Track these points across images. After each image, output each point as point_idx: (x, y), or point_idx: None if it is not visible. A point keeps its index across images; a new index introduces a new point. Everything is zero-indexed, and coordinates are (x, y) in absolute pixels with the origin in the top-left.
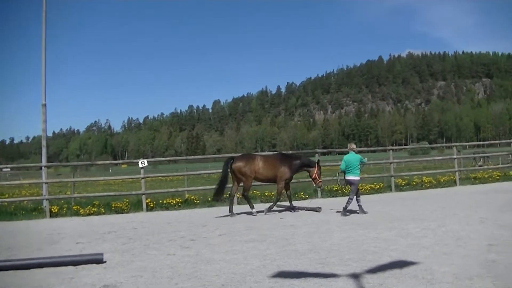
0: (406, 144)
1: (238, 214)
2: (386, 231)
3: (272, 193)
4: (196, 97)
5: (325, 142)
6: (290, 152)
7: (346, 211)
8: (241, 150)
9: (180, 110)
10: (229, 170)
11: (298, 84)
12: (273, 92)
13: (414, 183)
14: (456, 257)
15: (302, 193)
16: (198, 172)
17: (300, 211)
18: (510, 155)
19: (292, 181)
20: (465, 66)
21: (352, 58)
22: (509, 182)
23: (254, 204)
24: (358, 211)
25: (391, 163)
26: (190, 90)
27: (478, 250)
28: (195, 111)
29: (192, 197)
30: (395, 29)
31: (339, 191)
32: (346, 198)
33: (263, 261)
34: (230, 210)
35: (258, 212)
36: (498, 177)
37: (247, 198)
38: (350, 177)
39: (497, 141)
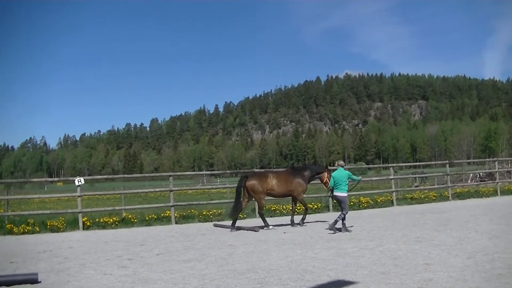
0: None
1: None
2: (324, 250)
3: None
4: (133, 115)
5: (263, 162)
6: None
7: (339, 227)
8: (179, 169)
9: (118, 127)
10: (242, 187)
11: (236, 104)
12: (211, 111)
13: (352, 203)
14: (393, 276)
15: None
16: (135, 191)
17: (298, 226)
18: (446, 176)
19: (231, 201)
20: (401, 88)
21: (290, 79)
22: (444, 202)
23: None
24: (341, 229)
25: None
26: (127, 108)
27: (415, 269)
28: (132, 129)
29: (130, 216)
30: (333, 50)
31: (277, 211)
32: (284, 217)
33: (201, 281)
34: (267, 226)
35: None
36: (434, 198)
37: (262, 216)
38: (337, 193)
39: (433, 162)
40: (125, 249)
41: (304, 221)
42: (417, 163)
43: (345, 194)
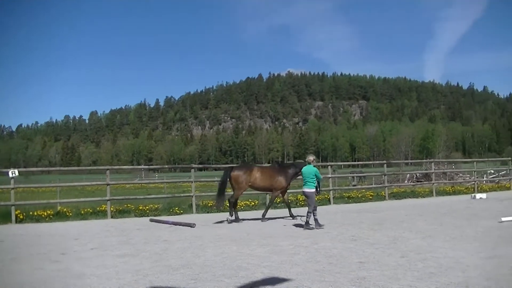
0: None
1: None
2: (260, 247)
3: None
4: (72, 107)
5: (202, 157)
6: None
7: (308, 224)
8: (117, 163)
9: (56, 119)
10: (228, 178)
11: (177, 99)
12: (152, 105)
13: (289, 200)
14: (327, 274)
15: (177, 208)
16: (71, 184)
17: (264, 221)
18: (383, 176)
19: (168, 196)
20: (342, 88)
21: (232, 75)
22: (381, 201)
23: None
24: (303, 225)
25: None
26: (66, 100)
27: (349, 268)
28: (71, 121)
29: (65, 210)
30: (277, 48)
31: (214, 207)
32: (223, 213)
33: (135, 276)
34: (231, 215)
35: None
36: (371, 197)
37: (232, 205)
38: (305, 189)
39: (371, 162)
40: (59, 243)
41: (265, 217)
42: (356, 163)
43: (312, 190)
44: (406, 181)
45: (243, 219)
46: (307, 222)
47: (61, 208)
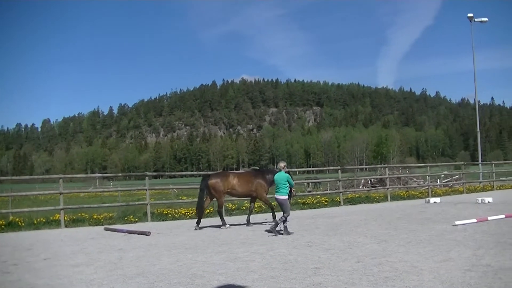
0: (237, 169)
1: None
2: (215, 254)
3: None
4: (24, 115)
5: (157, 165)
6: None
7: (287, 230)
8: (71, 172)
9: (7, 128)
10: (206, 186)
11: (130, 106)
12: (105, 113)
13: (244, 207)
14: (283, 280)
15: (131, 217)
16: (24, 193)
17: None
18: (338, 182)
19: (123, 204)
20: (296, 94)
21: (185, 82)
22: (336, 207)
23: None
24: (270, 231)
25: None
26: (18, 108)
27: (304, 273)
28: (23, 129)
29: (17, 219)
30: (231, 54)
31: (169, 215)
32: (178, 221)
33: (89, 286)
34: (224, 224)
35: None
36: (326, 203)
37: (220, 214)
38: (277, 196)
39: (326, 168)
40: (11, 254)
41: (276, 219)
42: (311, 169)
43: (285, 197)
44: (360, 187)
45: (203, 227)
46: (285, 227)
47: (13, 218)
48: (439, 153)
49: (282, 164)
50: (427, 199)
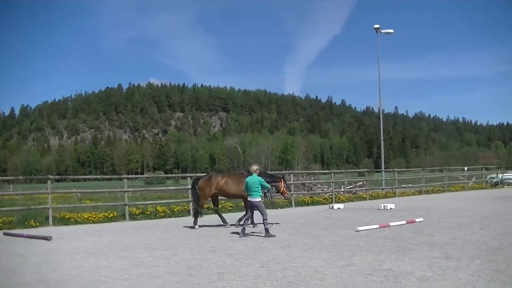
0: (142, 173)
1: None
2: (119, 260)
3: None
4: None
5: (60, 168)
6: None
7: (268, 233)
8: None
9: None
10: (196, 187)
11: (33, 107)
12: (7, 114)
13: (148, 212)
14: (187, 285)
15: (32, 221)
16: None
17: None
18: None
19: (23, 208)
20: (202, 99)
21: (91, 84)
22: (241, 212)
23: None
24: (239, 234)
25: (125, 191)
26: None
27: (209, 279)
28: None
29: None
30: (139, 58)
31: (72, 219)
32: (81, 225)
33: None
34: (195, 223)
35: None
36: (230, 208)
37: (196, 213)
38: (251, 198)
39: (231, 173)
40: None
41: (239, 222)
42: None
43: (258, 199)
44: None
45: (102, 230)
46: (267, 230)
47: None
48: (343, 160)
49: (254, 167)
50: (331, 205)
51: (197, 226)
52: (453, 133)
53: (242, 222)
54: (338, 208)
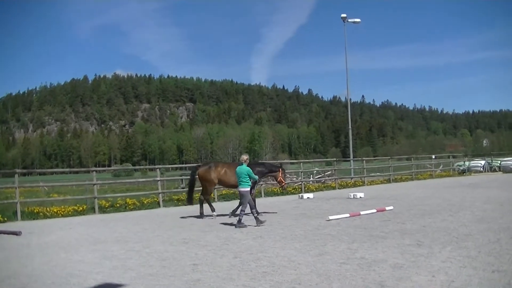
0: (109, 166)
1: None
2: (90, 253)
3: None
4: None
5: (26, 162)
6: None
7: (240, 223)
8: None
9: None
10: (195, 176)
11: None
12: None
13: (117, 204)
14: (161, 277)
15: (0, 216)
16: None
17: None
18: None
19: None
20: (169, 90)
21: (56, 76)
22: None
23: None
24: (236, 224)
25: (94, 184)
26: None
27: (182, 270)
28: None
29: None
30: (105, 49)
31: (41, 213)
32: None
33: None
34: (201, 213)
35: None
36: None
37: (208, 202)
38: (239, 188)
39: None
40: None
41: (232, 214)
42: (184, 165)
43: (246, 189)
44: None
45: (71, 224)
46: (239, 221)
47: None
48: (311, 149)
49: (244, 157)
50: (300, 195)
51: (214, 213)
52: (419, 122)
53: (238, 212)
54: (308, 197)
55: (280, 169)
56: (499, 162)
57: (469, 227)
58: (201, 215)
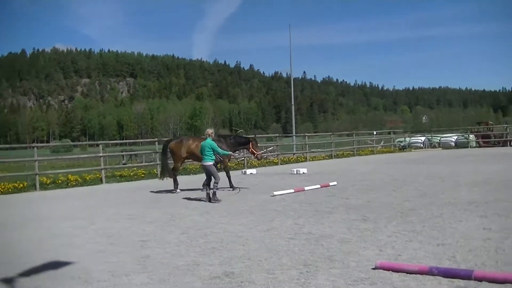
0: (48, 141)
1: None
2: (36, 231)
3: None
4: None
5: None
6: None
7: (215, 198)
8: None
9: None
10: (167, 150)
11: None
12: None
13: (59, 181)
14: (110, 254)
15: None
16: None
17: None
18: (154, 154)
19: None
20: (110, 65)
21: None
22: (153, 179)
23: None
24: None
25: (35, 160)
26: None
27: (131, 247)
28: None
29: None
30: (42, 22)
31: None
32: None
33: None
34: (175, 187)
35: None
36: (143, 175)
37: (174, 176)
38: (203, 162)
39: (140, 140)
40: None
41: (233, 186)
42: (125, 141)
43: (210, 163)
44: None
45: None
46: (214, 193)
47: None
48: (252, 125)
49: (209, 131)
50: (243, 170)
51: (178, 190)
52: (360, 98)
53: (217, 185)
54: (251, 173)
55: (251, 141)
56: (438, 138)
57: (413, 202)
58: (175, 189)
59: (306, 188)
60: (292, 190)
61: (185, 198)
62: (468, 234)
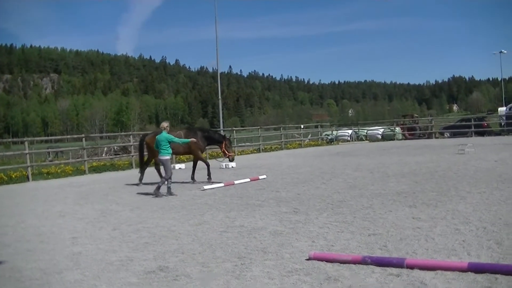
0: None
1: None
2: None
3: None
4: None
5: None
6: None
7: (158, 191)
8: None
9: None
10: (143, 144)
11: None
12: None
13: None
14: (40, 252)
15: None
16: None
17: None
18: (81, 150)
19: None
20: (32, 61)
21: None
22: (81, 176)
23: None
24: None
25: None
26: None
27: (62, 244)
28: None
29: None
30: None
31: None
32: None
33: None
34: (140, 179)
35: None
36: (70, 172)
37: (143, 170)
38: (159, 156)
39: (66, 136)
40: None
41: (209, 177)
42: (51, 138)
43: (167, 157)
44: (104, 155)
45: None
46: (158, 187)
47: None
48: (178, 120)
49: (164, 124)
50: (172, 165)
51: (141, 184)
52: (286, 92)
53: (164, 180)
54: (180, 168)
55: (225, 140)
56: (365, 131)
57: (343, 193)
58: (140, 181)
59: (236, 182)
60: (222, 184)
61: (110, 195)
62: (398, 224)
